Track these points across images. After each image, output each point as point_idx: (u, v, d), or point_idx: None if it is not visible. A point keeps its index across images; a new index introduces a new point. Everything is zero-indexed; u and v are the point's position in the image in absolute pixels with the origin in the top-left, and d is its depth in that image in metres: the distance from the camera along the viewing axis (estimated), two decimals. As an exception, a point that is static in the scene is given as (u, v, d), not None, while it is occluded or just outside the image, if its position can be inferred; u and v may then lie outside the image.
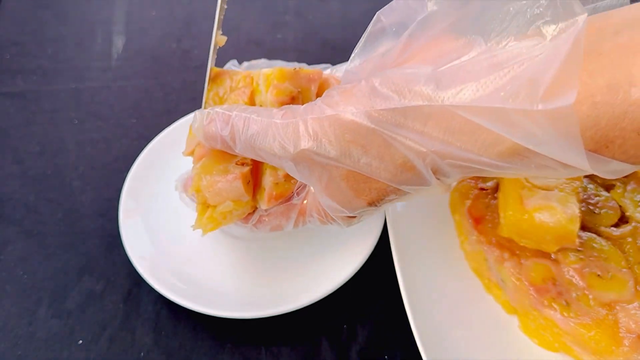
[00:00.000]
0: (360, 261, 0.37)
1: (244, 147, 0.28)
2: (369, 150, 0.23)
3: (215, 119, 0.29)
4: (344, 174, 0.25)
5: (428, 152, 0.22)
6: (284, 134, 0.26)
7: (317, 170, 0.26)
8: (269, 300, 0.37)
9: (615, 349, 0.29)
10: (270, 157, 0.27)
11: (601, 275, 0.30)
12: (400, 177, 0.24)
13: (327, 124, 0.24)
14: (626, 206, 0.33)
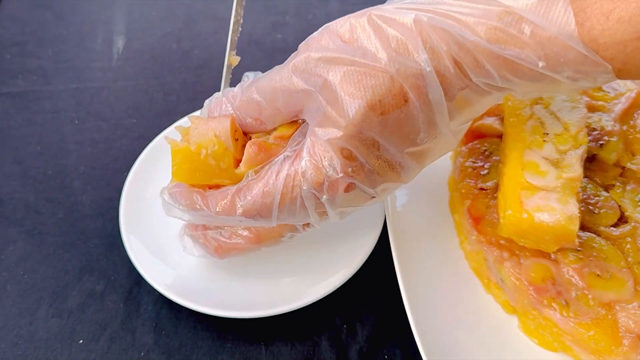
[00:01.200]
0: (359, 261, 0.37)
1: (246, 97, 0.28)
2: (361, 41, 0.24)
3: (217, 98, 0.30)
4: (338, 76, 0.24)
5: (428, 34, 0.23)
6: (283, 68, 0.27)
7: (313, 79, 0.25)
8: (269, 299, 0.37)
9: (615, 348, 0.29)
10: (268, 92, 0.27)
11: (600, 275, 0.30)
12: (398, 63, 0.24)
13: (325, 33, 0.26)
14: (625, 206, 0.33)
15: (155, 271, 0.37)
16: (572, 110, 0.33)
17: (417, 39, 0.23)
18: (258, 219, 0.28)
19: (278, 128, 0.29)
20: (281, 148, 0.28)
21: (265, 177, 0.27)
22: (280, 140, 0.29)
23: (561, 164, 0.31)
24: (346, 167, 0.25)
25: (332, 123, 0.25)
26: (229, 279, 0.39)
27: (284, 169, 0.27)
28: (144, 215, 0.41)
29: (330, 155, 0.25)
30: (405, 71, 0.23)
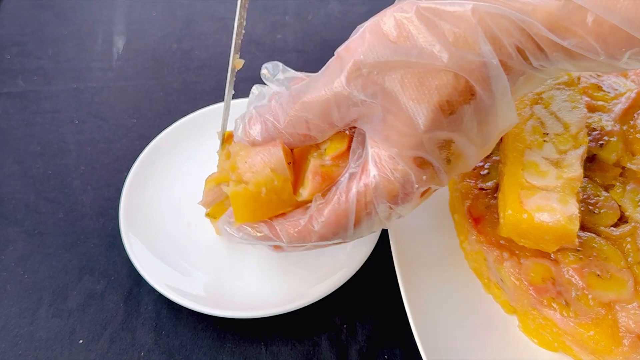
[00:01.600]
0: (359, 261, 0.37)
1: (288, 116, 0.27)
2: (416, 40, 0.23)
3: (253, 116, 0.29)
4: (397, 83, 0.23)
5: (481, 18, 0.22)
6: (327, 74, 0.25)
7: (369, 90, 0.24)
8: (269, 300, 0.37)
9: (615, 348, 0.29)
10: (319, 111, 0.26)
11: (600, 275, 0.30)
12: (459, 58, 0.22)
13: (368, 35, 0.24)
14: (625, 206, 0.33)
15: (155, 271, 0.37)
16: (572, 110, 0.33)
17: (477, 30, 0.22)
18: (332, 239, 0.28)
19: (329, 145, 0.29)
20: (341, 168, 0.28)
21: (334, 199, 0.27)
22: (337, 160, 0.28)
23: (561, 164, 0.31)
24: (420, 176, 0.25)
25: (399, 132, 0.24)
26: (229, 279, 0.39)
27: (353, 187, 0.26)
28: (144, 215, 0.41)
29: (401, 167, 0.24)
30: (469, 66, 0.22)
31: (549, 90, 0.34)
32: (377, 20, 0.24)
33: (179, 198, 0.43)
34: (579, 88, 0.34)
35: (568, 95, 0.34)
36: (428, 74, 0.23)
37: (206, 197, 0.37)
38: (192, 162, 0.45)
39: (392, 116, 0.24)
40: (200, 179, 0.38)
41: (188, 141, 0.46)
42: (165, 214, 0.42)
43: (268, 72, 0.32)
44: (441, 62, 0.22)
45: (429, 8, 0.23)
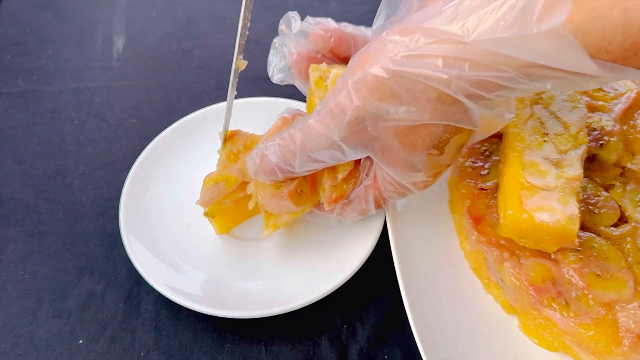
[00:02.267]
0: (360, 261, 0.37)
1: (300, 162, 0.29)
2: (402, 98, 0.24)
3: (264, 154, 0.31)
4: (392, 134, 0.26)
5: (450, 77, 0.22)
6: (323, 126, 0.27)
7: (367, 142, 0.27)
8: (270, 300, 0.37)
9: (615, 348, 0.29)
10: (326, 156, 0.29)
11: (601, 275, 0.30)
12: (442, 111, 0.24)
13: (353, 94, 0.25)
14: (625, 206, 0.33)
15: (155, 271, 0.37)
16: (572, 110, 0.33)
17: (451, 87, 0.23)
18: None
19: (338, 167, 0.33)
20: (351, 184, 0.34)
21: (355, 204, 0.34)
22: (347, 179, 0.34)
23: (561, 164, 0.31)
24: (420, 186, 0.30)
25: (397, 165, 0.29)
26: (229, 279, 0.39)
27: (369, 195, 0.32)
28: (144, 215, 0.41)
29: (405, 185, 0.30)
30: (453, 116, 0.25)
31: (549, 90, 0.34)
32: (361, 78, 0.25)
33: (179, 198, 0.43)
34: (579, 88, 0.34)
35: (568, 95, 0.34)
36: (418, 125, 0.25)
37: (204, 197, 0.37)
38: (191, 162, 0.45)
39: (388, 156, 0.28)
40: (199, 178, 0.38)
41: (187, 141, 0.46)
42: (165, 214, 0.42)
43: (286, 28, 0.35)
44: (427, 117, 0.25)
45: (404, 71, 0.23)
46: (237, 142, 0.39)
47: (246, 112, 0.48)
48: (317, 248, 0.40)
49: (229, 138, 0.39)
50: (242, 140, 0.39)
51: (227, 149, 0.39)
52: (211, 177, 0.37)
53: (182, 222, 0.42)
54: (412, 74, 0.23)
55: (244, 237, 0.41)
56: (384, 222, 0.39)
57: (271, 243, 0.41)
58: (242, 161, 0.38)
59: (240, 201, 0.39)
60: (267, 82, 0.57)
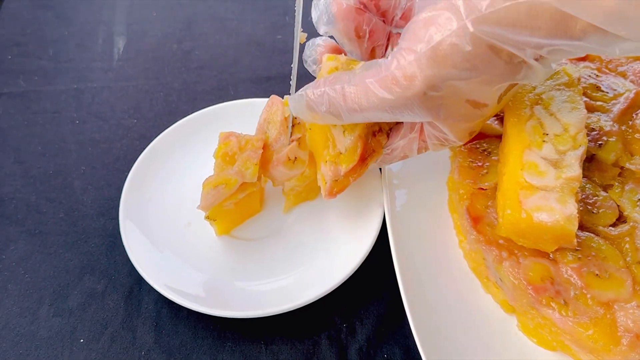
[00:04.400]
0: (358, 260, 0.37)
1: (348, 117, 0.29)
2: (475, 63, 0.24)
3: (312, 100, 0.30)
4: (459, 99, 0.26)
5: (528, 40, 0.23)
6: (385, 91, 0.27)
7: (432, 108, 0.27)
8: (269, 299, 0.37)
9: (613, 347, 0.29)
10: (379, 117, 0.28)
11: (599, 274, 0.30)
12: (510, 72, 0.25)
13: (425, 63, 0.25)
14: (624, 206, 0.33)
15: (155, 271, 0.38)
16: (571, 111, 0.33)
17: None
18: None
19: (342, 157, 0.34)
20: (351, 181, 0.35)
21: (399, 152, 0.34)
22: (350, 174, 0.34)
23: (560, 164, 0.31)
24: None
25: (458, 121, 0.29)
26: (229, 279, 0.39)
27: (414, 145, 0.33)
28: (144, 216, 0.41)
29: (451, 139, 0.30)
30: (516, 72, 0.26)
31: (548, 91, 0.34)
32: (434, 46, 0.24)
33: (178, 198, 0.43)
34: (578, 89, 0.34)
35: (568, 96, 0.34)
36: (486, 87, 0.26)
37: (204, 201, 0.37)
38: (190, 163, 0.45)
39: (451, 118, 0.28)
40: (198, 179, 0.38)
41: (186, 143, 0.46)
42: (164, 215, 0.42)
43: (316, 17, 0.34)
44: (497, 80, 0.25)
45: (484, 37, 0.24)
46: (231, 143, 0.39)
47: (242, 113, 0.48)
48: (317, 248, 0.40)
49: (224, 140, 0.39)
50: (237, 142, 0.39)
51: (222, 151, 0.39)
52: (210, 180, 0.37)
53: (182, 222, 0.42)
54: (492, 38, 0.23)
55: (244, 238, 0.42)
56: (382, 221, 0.39)
57: (271, 243, 0.41)
58: (240, 162, 0.38)
59: (241, 202, 0.39)
60: (268, 83, 0.57)
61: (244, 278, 0.39)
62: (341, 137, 0.33)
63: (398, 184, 0.40)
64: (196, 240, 0.41)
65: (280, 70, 0.58)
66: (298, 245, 0.41)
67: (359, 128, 0.33)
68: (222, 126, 0.42)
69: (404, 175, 0.41)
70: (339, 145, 0.34)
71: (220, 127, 0.41)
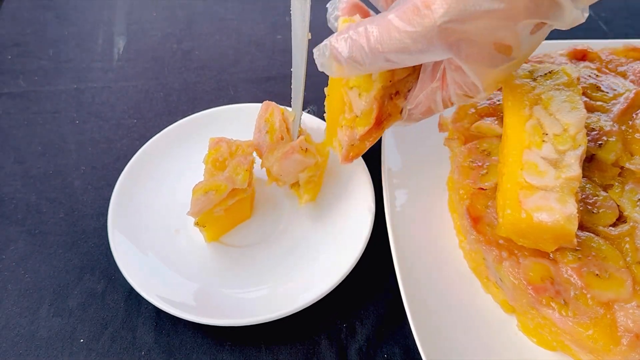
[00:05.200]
0: (350, 264, 0.37)
1: (372, 58, 0.28)
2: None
3: (334, 47, 0.29)
4: (483, 32, 0.25)
5: None
6: (406, 24, 0.26)
7: (454, 43, 0.25)
8: (261, 306, 0.37)
9: (613, 347, 0.29)
10: (403, 57, 0.27)
11: (599, 274, 0.30)
12: (537, 6, 0.24)
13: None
14: (624, 206, 0.33)
15: (146, 282, 0.37)
16: (571, 111, 0.33)
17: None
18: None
19: (358, 120, 0.33)
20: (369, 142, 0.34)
21: (423, 105, 0.32)
22: (365, 137, 0.33)
23: (560, 164, 0.31)
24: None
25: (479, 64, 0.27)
26: (221, 287, 0.38)
27: (437, 96, 0.31)
28: (133, 223, 0.41)
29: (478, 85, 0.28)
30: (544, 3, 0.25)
31: (548, 90, 0.34)
32: None
33: (168, 205, 0.43)
34: (578, 89, 0.34)
35: (567, 96, 0.34)
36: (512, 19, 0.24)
37: (194, 207, 0.37)
38: (181, 169, 0.45)
39: (474, 56, 0.26)
40: (188, 185, 0.38)
41: (176, 148, 0.46)
42: (153, 221, 0.42)
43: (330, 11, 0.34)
44: (522, 13, 0.24)
45: None
46: (222, 149, 0.39)
47: (233, 118, 0.47)
48: (308, 253, 0.40)
49: (214, 146, 0.39)
50: (228, 148, 0.39)
51: (212, 157, 0.39)
52: (200, 186, 0.37)
53: (171, 228, 0.42)
54: None
55: (234, 244, 0.41)
56: (374, 220, 0.39)
57: (262, 249, 0.41)
58: (230, 168, 0.38)
59: (231, 209, 0.39)
60: (268, 83, 0.57)
61: (234, 285, 0.38)
62: (357, 100, 0.32)
63: (398, 184, 0.40)
64: (186, 247, 0.41)
65: (280, 70, 0.58)
66: (289, 251, 0.41)
67: (375, 89, 0.32)
68: (212, 131, 0.42)
69: (404, 175, 0.41)
70: (355, 109, 0.33)
71: (211, 133, 0.41)
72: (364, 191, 0.41)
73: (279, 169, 0.39)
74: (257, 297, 0.38)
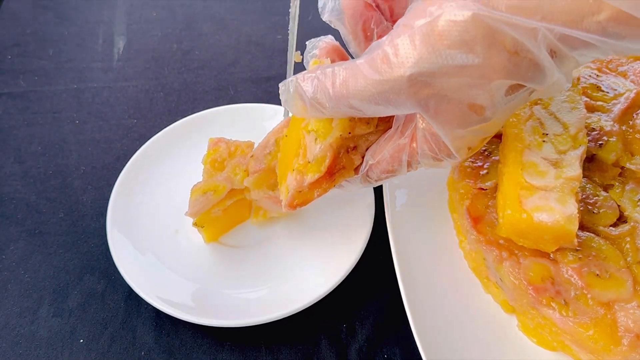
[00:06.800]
0: (350, 264, 0.37)
1: (335, 102, 0.26)
2: (474, 47, 0.22)
3: (299, 84, 0.28)
4: (454, 90, 0.23)
5: (539, 27, 0.21)
6: (374, 72, 0.24)
7: (422, 98, 0.24)
8: (260, 307, 0.36)
9: (614, 348, 0.29)
10: (367, 107, 0.26)
11: (599, 274, 0.30)
12: (514, 66, 0.22)
13: (418, 40, 0.22)
14: (624, 206, 0.33)
15: (145, 283, 0.37)
16: (571, 111, 0.33)
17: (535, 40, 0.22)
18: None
19: (310, 166, 0.31)
20: (316, 195, 0.32)
21: (386, 164, 0.30)
22: (314, 187, 0.32)
23: (560, 164, 0.31)
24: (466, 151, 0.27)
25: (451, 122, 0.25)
26: (221, 287, 0.38)
27: (404, 155, 0.29)
28: (131, 224, 0.41)
29: (449, 145, 0.26)
30: (526, 73, 0.23)
31: (548, 90, 0.34)
32: (431, 22, 0.22)
33: (167, 205, 0.43)
34: (578, 89, 0.34)
35: (567, 96, 0.34)
36: (486, 78, 0.23)
37: (192, 207, 0.37)
38: (179, 169, 0.45)
39: (443, 115, 0.24)
40: (187, 185, 0.38)
41: (175, 149, 0.46)
42: (152, 222, 0.42)
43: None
44: (497, 73, 0.22)
45: (487, 16, 0.21)
46: (221, 149, 0.39)
47: (232, 118, 0.48)
48: (307, 253, 0.40)
49: (213, 145, 0.39)
50: (227, 148, 0.39)
51: (211, 157, 0.39)
52: (199, 187, 0.37)
53: (170, 229, 0.42)
54: (496, 20, 0.21)
55: (233, 245, 0.41)
56: (374, 220, 0.39)
57: (261, 249, 0.41)
58: (229, 169, 0.38)
59: (229, 209, 0.39)
60: (268, 83, 0.57)
61: (234, 286, 0.38)
62: (312, 145, 0.31)
63: (398, 184, 0.40)
64: (185, 248, 0.41)
65: (280, 70, 0.58)
66: (289, 251, 0.40)
67: (333, 137, 0.30)
68: (212, 132, 0.42)
69: (404, 175, 0.41)
70: (309, 154, 0.31)
71: (211, 133, 0.41)
72: (363, 191, 0.41)
73: (258, 200, 0.39)
74: (257, 298, 0.37)
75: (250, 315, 0.36)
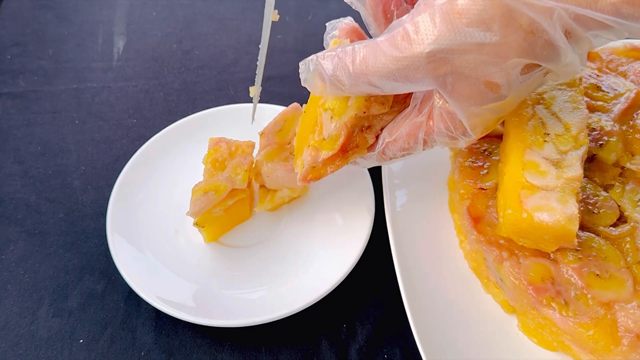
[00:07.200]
0: (350, 264, 0.37)
1: (354, 79, 0.27)
2: (491, 25, 0.22)
3: (320, 62, 0.28)
4: (471, 67, 0.24)
5: (555, 6, 0.21)
6: (393, 49, 0.25)
7: (440, 75, 0.24)
8: (261, 307, 0.36)
9: (614, 348, 0.29)
10: (383, 81, 0.26)
11: (600, 274, 0.30)
12: (530, 45, 0.23)
13: (438, 17, 0.23)
14: (625, 206, 0.33)
15: (145, 283, 0.37)
16: (573, 111, 0.33)
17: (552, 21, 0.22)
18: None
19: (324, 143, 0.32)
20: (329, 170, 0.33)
21: (402, 141, 0.30)
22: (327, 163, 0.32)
23: (561, 164, 0.31)
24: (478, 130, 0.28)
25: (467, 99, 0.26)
26: (221, 287, 0.38)
27: (420, 133, 0.29)
28: (132, 225, 0.41)
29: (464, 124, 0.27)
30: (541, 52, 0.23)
31: (550, 90, 0.34)
32: (450, 1, 0.23)
33: (167, 205, 0.43)
34: (580, 89, 0.34)
35: (569, 96, 0.34)
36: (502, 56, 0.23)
37: (194, 207, 0.37)
38: (180, 169, 0.45)
39: (460, 92, 0.25)
40: (188, 185, 0.38)
41: (176, 149, 0.46)
42: (153, 222, 0.42)
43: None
44: (513, 51, 0.23)
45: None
46: (221, 149, 0.39)
47: (232, 118, 0.47)
48: (308, 253, 0.40)
49: (214, 145, 0.39)
50: (227, 148, 0.39)
51: (212, 157, 0.39)
52: (200, 187, 0.37)
53: (171, 229, 0.42)
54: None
55: (233, 245, 0.41)
56: (373, 223, 0.39)
57: (261, 250, 0.41)
58: (230, 169, 0.38)
59: (230, 209, 0.39)
60: (268, 83, 0.57)
61: (234, 286, 0.38)
62: (328, 123, 0.32)
63: (398, 184, 0.40)
64: (185, 248, 0.41)
65: (280, 70, 0.58)
66: (289, 251, 0.40)
67: (348, 116, 0.31)
68: (212, 131, 0.42)
69: (404, 175, 0.41)
70: (324, 132, 0.32)
71: (211, 133, 0.41)
72: (364, 191, 0.41)
73: (271, 172, 0.39)
74: (257, 298, 0.37)
75: (250, 315, 0.36)
